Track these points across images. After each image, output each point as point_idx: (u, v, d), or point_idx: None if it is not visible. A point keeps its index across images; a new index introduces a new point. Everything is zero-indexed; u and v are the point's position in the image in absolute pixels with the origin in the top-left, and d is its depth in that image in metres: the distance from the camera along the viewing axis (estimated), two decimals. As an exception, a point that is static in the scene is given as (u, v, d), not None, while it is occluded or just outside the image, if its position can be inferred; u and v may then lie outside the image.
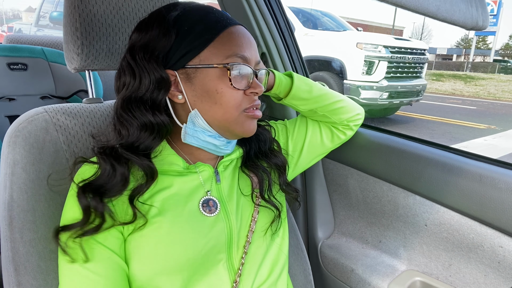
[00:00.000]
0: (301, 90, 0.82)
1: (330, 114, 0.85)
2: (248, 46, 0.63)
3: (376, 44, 5.23)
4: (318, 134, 0.86)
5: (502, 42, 64.44)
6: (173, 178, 0.65)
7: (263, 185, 0.73)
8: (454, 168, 0.85)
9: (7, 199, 0.63)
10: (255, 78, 0.64)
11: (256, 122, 0.67)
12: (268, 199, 0.72)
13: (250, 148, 0.75)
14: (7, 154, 0.64)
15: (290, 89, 0.82)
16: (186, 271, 0.61)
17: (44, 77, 1.50)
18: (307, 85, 0.84)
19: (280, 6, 1.19)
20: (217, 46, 0.60)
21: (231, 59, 0.60)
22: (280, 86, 0.81)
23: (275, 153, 0.77)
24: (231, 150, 0.71)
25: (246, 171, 0.74)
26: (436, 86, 14.46)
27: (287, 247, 0.77)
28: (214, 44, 0.60)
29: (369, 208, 1.06)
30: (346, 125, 0.88)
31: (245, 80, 0.62)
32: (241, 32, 0.63)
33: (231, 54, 0.60)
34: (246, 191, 0.72)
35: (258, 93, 0.64)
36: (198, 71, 0.60)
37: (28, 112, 0.68)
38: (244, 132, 0.65)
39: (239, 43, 0.62)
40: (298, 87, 0.82)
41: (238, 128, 0.64)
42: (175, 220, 0.62)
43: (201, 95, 0.61)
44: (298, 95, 0.82)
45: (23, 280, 0.62)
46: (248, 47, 0.63)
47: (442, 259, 0.91)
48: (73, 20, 0.70)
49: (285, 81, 0.81)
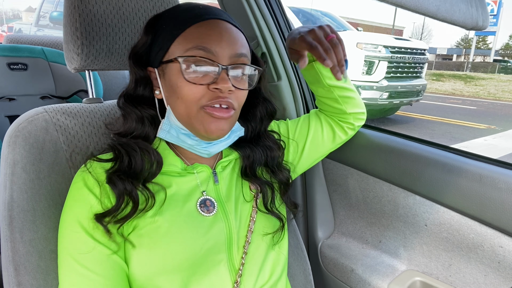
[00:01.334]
0: None
1: (343, 100, 0.83)
2: (217, 39, 0.60)
3: (376, 44, 5.23)
4: (320, 133, 0.85)
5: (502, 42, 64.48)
6: (172, 178, 0.65)
7: (265, 197, 0.72)
8: (454, 168, 0.85)
9: (7, 199, 0.63)
10: (223, 73, 0.59)
11: (224, 124, 0.62)
12: (271, 210, 0.72)
13: (254, 159, 0.72)
14: (7, 154, 0.64)
15: None
16: (185, 271, 0.61)
17: (44, 77, 1.50)
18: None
19: (280, 6, 1.19)
20: (180, 41, 0.60)
21: (190, 51, 0.59)
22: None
23: (280, 170, 0.76)
24: (214, 152, 0.68)
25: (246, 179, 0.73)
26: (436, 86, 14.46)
27: (287, 247, 0.77)
28: (179, 39, 0.61)
29: (369, 208, 1.06)
30: (350, 124, 0.87)
31: (209, 75, 0.60)
32: (213, 25, 0.61)
33: (191, 47, 0.59)
34: (245, 192, 0.72)
35: (222, 89, 0.59)
36: (167, 66, 0.62)
37: (28, 112, 0.68)
38: (206, 131, 0.61)
39: (203, 36, 0.59)
40: None
41: (198, 126, 0.61)
42: (173, 219, 0.62)
43: (170, 90, 0.62)
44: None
45: (23, 280, 0.62)
46: (216, 39, 0.60)
47: (442, 259, 0.91)
48: (73, 20, 0.70)
49: None
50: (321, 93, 0.85)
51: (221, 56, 0.60)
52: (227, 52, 0.60)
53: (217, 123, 0.61)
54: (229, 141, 0.69)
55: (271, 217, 0.73)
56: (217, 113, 0.60)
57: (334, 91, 0.82)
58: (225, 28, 0.61)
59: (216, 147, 0.67)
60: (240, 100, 0.64)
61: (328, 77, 0.81)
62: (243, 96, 0.65)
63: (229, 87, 0.59)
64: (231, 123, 0.64)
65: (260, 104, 0.73)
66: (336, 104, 0.84)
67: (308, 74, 0.83)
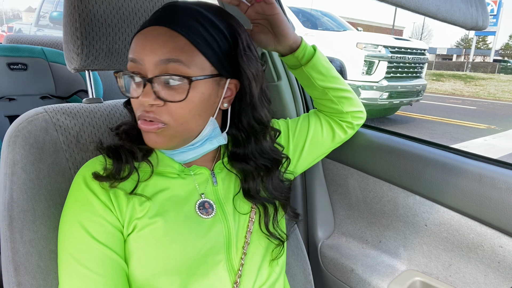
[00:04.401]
0: (321, 63, 0.80)
1: (339, 100, 0.83)
2: (139, 48, 0.57)
3: (376, 44, 5.23)
4: (320, 132, 0.85)
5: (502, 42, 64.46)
6: (170, 180, 0.65)
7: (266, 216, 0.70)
8: (454, 168, 0.85)
9: (7, 199, 0.63)
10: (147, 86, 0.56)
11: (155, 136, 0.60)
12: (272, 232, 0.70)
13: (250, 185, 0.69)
14: (7, 154, 0.64)
15: (312, 56, 0.79)
16: (185, 272, 0.61)
17: (44, 77, 1.50)
18: (327, 62, 0.83)
19: (280, 6, 1.19)
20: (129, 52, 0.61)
21: (128, 64, 0.60)
22: (305, 49, 0.78)
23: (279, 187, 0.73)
24: (185, 160, 0.66)
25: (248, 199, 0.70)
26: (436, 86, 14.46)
27: (285, 248, 0.77)
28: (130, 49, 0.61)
29: (369, 208, 1.06)
30: (349, 122, 0.87)
31: (137, 86, 0.59)
32: (145, 33, 0.58)
33: (128, 60, 0.60)
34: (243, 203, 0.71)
35: (142, 103, 0.58)
36: None
37: (28, 112, 0.68)
38: (146, 143, 0.62)
39: (134, 47, 0.59)
40: (319, 58, 0.80)
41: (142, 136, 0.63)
42: (173, 221, 0.62)
43: None
44: (318, 66, 0.79)
45: (23, 280, 0.62)
46: (138, 50, 0.58)
47: (442, 259, 0.91)
48: (73, 20, 0.70)
49: (309, 49, 0.79)
50: (316, 95, 0.85)
51: (147, 65, 0.57)
52: (151, 59, 0.56)
53: (148, 136, 0.60)
54: (201, 149, 0.66)
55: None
56: (143, 126, 0.59)
57: (328, 92, 0.82)
58: (154, 35, 0.57)
59: (183, 156, 0.66)
60: (176, 113, 0.58)
61: (319, 79, 0.81)
62: (179, 108, 0.58)
63: (148, 101, 0.56)
64: (167, 136, 0.60)
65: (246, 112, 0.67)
66: (333, 104, 0.84)
67: (300, 78, 0.83)
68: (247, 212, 0.70)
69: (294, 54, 0.77)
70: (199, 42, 0.58)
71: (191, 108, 0.59)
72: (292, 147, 0.83)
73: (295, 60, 0.79)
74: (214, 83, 0.61)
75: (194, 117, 0.61)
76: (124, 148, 0.63)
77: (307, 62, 0.78)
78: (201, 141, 0.65)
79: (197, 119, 0.61)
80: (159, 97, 0.57)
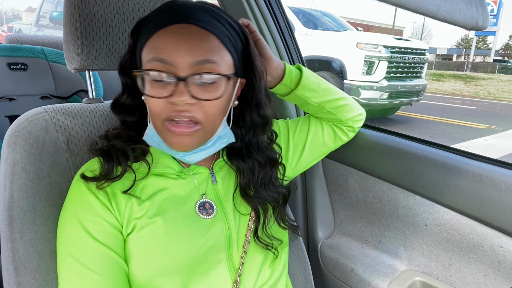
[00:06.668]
0: (310, 80, 0.81)
1: (337, 110, 0.84)
2: (172, 48, 0.55)
3: (376, 44, 5.23)
4: (320, 134, 0.86)
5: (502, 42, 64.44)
6: (169, 181, 0.65)
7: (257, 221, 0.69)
8: (454, 168, 0.85)
9: (7, 199, 0.63)
10: (180, 85, 0.55)
11: (186, 138, 0.58)
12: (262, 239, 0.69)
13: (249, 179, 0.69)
14: (7, 154, 0.64)
15: (299, 78, 0.79)
16: (185, 271, 0.61)
17: (44, 77, 1.50)
18: (315, 77, 0.83)
19: (280, 6, 1.19)
20: (145, 51, 0.58)
21: (149, 64, 0.57)
22: (291, 74, 0.78)
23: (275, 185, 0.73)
24: (194, 161, 0.66)
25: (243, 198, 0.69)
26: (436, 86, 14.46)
27: (287, 246, 0.77)
28: (144, 49, 0.59)
29: (369, 208, 1.06)
30: (350, 126, 0.88)
31: (168, 87, 0.56)
32: (174, 32, 0.56)
33: (151, 59, 0.57)
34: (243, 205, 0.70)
35: (177, 103, 0.56)
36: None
37: (28, 112, 0.68)
38: (170, 145, 0.60)
39: (162, 46, 0.56)
40: (307, 77, 0.80)
41: (165, 139, 0.60)
42: (172, 220, 0.62)
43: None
44: (308, 85, 0.80)
45: (23, 280, 0.62)
46: (170, 49, 0.55)
47: (442, 259, 0.91)
48: (73, 20, 0.70)
49: (295, 70, 0.80)
50: (313, 111, 0.86)
51: (180, 66, 0.55)
52: (186, 60, 0.55)
53: (179, 138, 0.58)
54: (213, 149, 0.66)
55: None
56: (176, 129, 0.57)
57: (324, 106, 0.83)
58: (187, 33, 0.56)
59: (196, 156, 0.64)
60: (209, 112, 0.58)
61: (312, 96, 0.82)
62: (212, 106, 0.58)
63: (184, 100, 0.55)
64: (198, 137, 0.60)
65: (250, 109, 0.68)
66: (331, 115, 0.85)
67: (293, 101, 0.84)
68: (247, 211, 0.70)
69: (282, 82, 0.79)
70: (227, 41, 0.59)
71: (220, 106, 0.60)
72: (292, 147, 0.83)
73: (285, 87, 0.80)
74: (233, 81, 0.62)
75: (220, 116, 0.62)
76: (115, 148, 0.62)
77: (297, 85, 0.79)
78: (213, 140, 0.65)
79: (221, 118, 0.63)
80: (193, 96, 0.56)
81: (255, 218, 0.70)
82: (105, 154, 0.61)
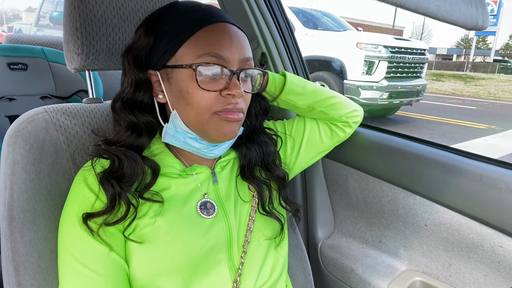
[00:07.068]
0: (294, 84, 0.83)
1: (328, 109, 0.85)
2: (227, 44, 0.60)
3: (376, 44, 5.23)
4: (317, 131, 0.86)
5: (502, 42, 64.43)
6: (171, 180, 0.65)
7: (263, 197, 0.72)
8: (454, 168, 0.85)
9: (7, 199, 0.63)
10: (234, 79, 0.60)
11: (237, 125, 0.63)
12: (270, 211, 0.72)
13: (250, 157, 0.72)
14: (7, 154, 0.64)
15: (283, 84, 0.82)
16: (186, 271, 0.61)
17: (44, 77, 1.50)
18: (300, 80, 0.85)
19: (280, 6, 1.19)
20: (190, 46, 0.59)
21: (202, 58, 0.58)
22: (274, 81, 0.81)
23: (277, 165, 0.76)
24: (219, 154, 0.68)
25: (245, 180, 0.73)
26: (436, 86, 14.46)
27: (287, 246, 0.77)
28: (188, 43, 0.59)
29: (369, 208, 1.06)
30: (345, 122, 0.88)
31: (221, 80, 0.60)
32: (222, 30, 0.60)
33: (203, 54, 0.58)
34: (244, 193, 0.71)
35: (235, 95, 0.60)
36: (174, 71, 0.60)
37: (28, 112, 0.68)
38: (220, 136, 0.61)
39: (215, 42, 0.59)
40: (292, 82, 0.83)
41: (211, 131, 0.61)
42: (173, 220, 0.62)
43: (177, 95, 0.61)
44: (292, 89, 0.82)
45: (23, 280, 0.62)
46: (227, 45, 0.60)
47: (442, 259, 0.91)
48: (73, 20, 0.70)
49: (278, 77, 0.83)
50: (304, 113, 0.87)
51: (231, 62, 0.60)
52: (237, 56, 0.60)
53: (230, 126, 0.62)
54: (232, 141, 0.69)
55: (270, 220, 0.73)
56: (231, 116, 0.61)
57: (314, 106, 0.84)
58: (233, 32, 0.61)
59: (221, 149, 0.68)
60: (247, 103, 0.65)
61: (299, 99, 0.84)
62: (249, 98, 0.66)
63: (241, 92, 0.60)
64: (240, 125, 0.65)
65: (255, 101, 0.74)
66: (323, 115, 0.86)
67: (281, 105, 0.86)
68: (247, 211, 0.70)
69: (266, 90, 0.81)
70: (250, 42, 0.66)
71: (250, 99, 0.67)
72: (289, 146, 0.83)
73: (271, 93, 0.83)
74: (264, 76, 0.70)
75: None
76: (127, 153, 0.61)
77: (281, 91, 0.82)
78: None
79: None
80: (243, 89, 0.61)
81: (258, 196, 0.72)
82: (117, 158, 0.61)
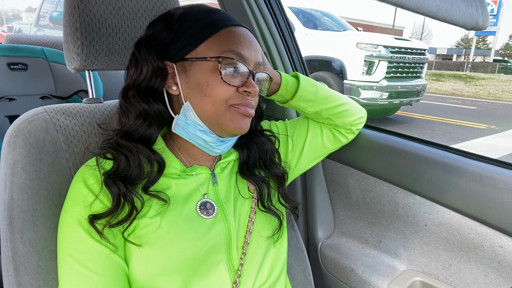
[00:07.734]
0: (307, 91, 0.81)
1: (334, 117, 0.84)
2: (247, 46, 0.64)
3: (376, 44, 5.23)
4: (319, 135, 0.86)
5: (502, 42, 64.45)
6: (171, 180, 0.65)
7: (262, 194, 0.72)
8: (454, 168, 0.85)
9: (7, 199, 0.63)
10: (251, 78, 0.64)
11: (249, 121, 0.66)
12: (268, 207, 0.72)
13: (249, 155, 0.74)
14: (7, 154, 0.64)
15: (296, 90, 0.80)
16: (185, 272, 0.61)
17: (44, 77, 1.50)
18: (313, 86, 0.83)
19: (280, 6, 1.19)
20: (214, 41, 0.62)
21: (226, 54, 0.61)
22: (287, 86, 0.79)
23: (275, 164, 0.76)
24: (224, 151, 0.70)
25: (244, 177, 0.73)
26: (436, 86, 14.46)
27: (286, 247, 0.77)
28: (212, 39, 0.62)
29: (369, 208, 1.06)
30: (349, 129, 0.88)
31: (239, 77, 0.63)
32: (242, 32, 0.64)
33: (227, 50, 0.61)
34: (244, 193, 0.72)
35: (251, 93, 0.63)
36: (193, 64, 0.62)
37: (28, 112, 0.68)
38: (234, 128, 0.63)
39: (237, 41, 0.63)
40: (304, 88, 0.80)
41: (227, 122, 0.63)
42: (173, 220, 0.62)
43: (194, 87, 0.62)
44: (304, 96, 0.81)
45: (23, 280, 0.62)
46: (247, 46, 0.64)
47: (442, 259, 0.91)
48: (73, 20, 0.70)
49: (291, 81, 0.80)
50: (311, 117, 0.86)
51: (249, 62, 0.64)
52: (254, 58, 0.65)
53: (246, 120, 0.65)
54: (235, 139, 0.71)
55: (270, 217, 0.73)
56: (249, 110, 0.64)
57: (321, 113, 0.83)
58: (251, 37, 0.66)
59: (227, 146, 0.69)
60: (256, 103, 0.69)
61: (308, 106, 0.82)
62: (257, 99, 0.70)
63: (257, 91, 0.64)
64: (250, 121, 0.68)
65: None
66: (329, 121, 0.86)
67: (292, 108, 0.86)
68: (247, 212, 0.70)
69: (277, 94, 0.80)
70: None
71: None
72: (291, 147, 0.83)
73: (280, 97, 0.82)
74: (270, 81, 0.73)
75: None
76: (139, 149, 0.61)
77: (293, 96, 0.81)
78: None
79: None
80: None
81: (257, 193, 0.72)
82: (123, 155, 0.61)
